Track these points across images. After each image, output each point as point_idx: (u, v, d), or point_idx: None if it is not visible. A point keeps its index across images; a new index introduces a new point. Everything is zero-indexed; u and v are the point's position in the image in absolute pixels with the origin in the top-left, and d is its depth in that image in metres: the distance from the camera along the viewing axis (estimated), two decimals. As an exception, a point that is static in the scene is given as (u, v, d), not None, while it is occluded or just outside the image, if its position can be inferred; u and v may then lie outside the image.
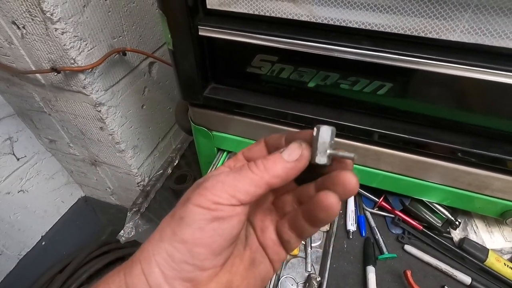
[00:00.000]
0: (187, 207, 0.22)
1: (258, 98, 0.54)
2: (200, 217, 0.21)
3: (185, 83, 0.55)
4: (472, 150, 0.46)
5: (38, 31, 0.66)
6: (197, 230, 0.21)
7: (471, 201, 0.53)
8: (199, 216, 0.21)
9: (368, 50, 0.41)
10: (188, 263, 0.20)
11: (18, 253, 1.19)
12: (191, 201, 0.22)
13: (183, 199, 0.23)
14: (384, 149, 0.52)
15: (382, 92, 0.46)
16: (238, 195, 0.21)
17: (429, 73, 0.40)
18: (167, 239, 0.21)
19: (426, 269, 0.55)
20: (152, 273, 0.20)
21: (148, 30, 0.91)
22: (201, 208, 0.21)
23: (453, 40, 0.37)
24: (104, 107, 0.84)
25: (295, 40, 0.43)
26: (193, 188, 0.24)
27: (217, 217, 0.21)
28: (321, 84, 0.48)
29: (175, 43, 0.49)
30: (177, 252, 0.20)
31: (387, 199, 0.63)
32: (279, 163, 0.23)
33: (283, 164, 0.23)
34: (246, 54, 0.49)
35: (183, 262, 0.20)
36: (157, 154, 1.18)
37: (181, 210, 0.22)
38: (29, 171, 1.13)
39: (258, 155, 0.27)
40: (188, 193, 0.23)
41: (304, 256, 0.57)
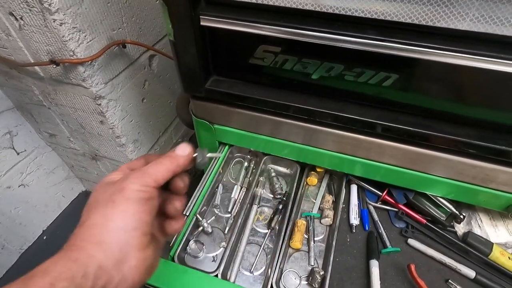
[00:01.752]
0: (126, 191, 0.29)
1: (261, 90, 0.53)
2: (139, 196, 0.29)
3: (187, 75, 0.54)
4: (477, 143, 0.45)
5: (36, 22, 0.65)
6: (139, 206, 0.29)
7: (475, 195, 0.52)
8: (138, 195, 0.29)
9: (374, 40, 0.39)
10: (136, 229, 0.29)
11: (19, 247, 1.19)
12: (130, 187, 0.29)
13: (112, 191, 0.30)
14: (388, 142, 0.51)
15: (387, 83, 0.45)
16: (159, 179, 0.31)
17: (437, 64, 0.39)
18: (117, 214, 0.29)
19: (430, 263, 0.55)
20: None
21: (148, 22, 0.90)
22: (139, 191, 0.29)
23: (462, 29, 0.36)
24: (104, 101, 0.83)
25: (299, 30, 0.42)
26: (110, 184, 0.31)
27: (149, 197, 0.30)
28: (325, 76, 0.47)
29: (177, 33, 0.48)
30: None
31: (390, 193, 0.63)
32: (179, 156, 0.34)
33: (181, 157, 0.34)
34: (249, 45, 0.48)
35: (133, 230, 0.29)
36: (158, 149, 1.18)
37: (121, 195, 0.29)
38: (29, 165, 1.12)
39: (139, 166, 0.34)
40: (112, 187, 0.30)
41: (307, 250, 0.57)
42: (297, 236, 0.57)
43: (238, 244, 0.57)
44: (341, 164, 0.60)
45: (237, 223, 0.57)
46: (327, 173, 0.69)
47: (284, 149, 0.62)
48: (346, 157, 0.57)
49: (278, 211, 0.61)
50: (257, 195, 0.65)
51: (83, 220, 0.30)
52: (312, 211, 0.62)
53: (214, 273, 0.51)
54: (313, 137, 0.57)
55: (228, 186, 0.67)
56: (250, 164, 0.70)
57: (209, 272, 0.51)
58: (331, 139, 0.56)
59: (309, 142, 0.59)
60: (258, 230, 0.60)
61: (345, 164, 0.59)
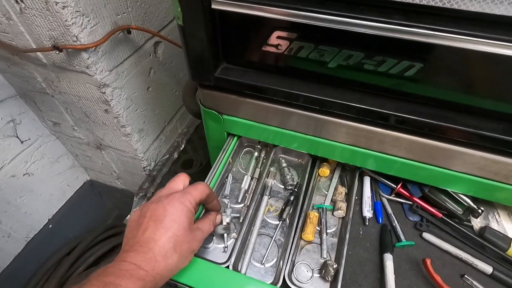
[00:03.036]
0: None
1: (273, 79, 0.51)
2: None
3: (195, 62, 0.51)
4: (503, 137, 0.43)
5: (37, 5, 0.62)
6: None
7: (496, 192, 0.51)
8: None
9: (400, 25, 0.37)
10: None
11: (25, 235, 1.19)
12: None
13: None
14: (405, 135, 0.49)
15: (410, 73, 0.42)
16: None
17: (467, 52, 0.36)
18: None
19: (445, 258, 0.54)
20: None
21: (154, 7, 0.86)
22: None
23: (498, 14, 0.33)
24: (108, 89, 0.81)
25: (317, 14, 0.40)
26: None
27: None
28: (343, 64, 0.45)
29: (186, 18, 0.45)
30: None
31: (405, 185, 0.61)
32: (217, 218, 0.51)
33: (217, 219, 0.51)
34: (263, 31, 0.45)
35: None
36: (163, 138, 1.16)
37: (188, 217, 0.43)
38: (33, 154, 1.11)
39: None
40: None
41: (319, 243, 0.56)
42: (310, 228, 0.55)
43: (249, 236, 0.56)
44: (354, 157, 0.58)
45: (248, 214, 0.56)
46: (339, 164, 0.67)
47: (295, 141, 0.60)
48: (360, 150, 0.55)
49: (290, 202, 0.60)
50: (267, 185, 0.63)
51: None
52: (324, 203, 0.61)
53: (225, 264, 0.50)
54: (326, 128, 0.55)
55: (238, 177, 0.65)
56: (260, 154, 0.69)
57: (220, 263, 0.50)
58: (344, 131, 0.54)
59: (320, 134, 0.57)
60: (269, 222, 0.59)
61: (358, 157, 0.57)
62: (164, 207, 0.42)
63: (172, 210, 0.42)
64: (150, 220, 0.41)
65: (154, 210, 0.42)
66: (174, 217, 0.41)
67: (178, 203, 0.42)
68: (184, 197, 0.43)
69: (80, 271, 1.20)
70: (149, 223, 0.41)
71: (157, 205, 0.42)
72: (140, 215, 0.43)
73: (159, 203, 0.43)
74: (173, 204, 0.42)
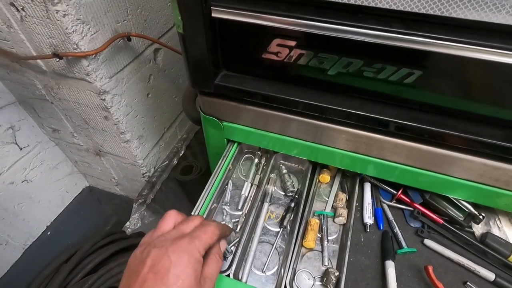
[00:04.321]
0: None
1: (273, 86, 0.51)
2: None
3: (195, 69, 0.52)
4: (503, 144, 0.43)
5: (38, 14, 0.63)
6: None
7: (497, 198, 0.51)
8: None
9: (398, 34, 0.37)
10: None
11: (23, 243, 1.18)
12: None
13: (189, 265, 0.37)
14: (405, 141, 0.49)
15: (409, 80, 0.42)
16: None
17: (465, 60, 0.37)
18: None
19: (447, 264, 0.53)
20: None
21: (153, 14, 0.87)
22: None
23: (496, 22, 0.33)
24: (108, 96, 0.81)
25: (317, 23, 0.40)
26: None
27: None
28: (342, 72, 0.45)
29: (186, 26, 0.45)
30: None
31: (405, 191, 0.61)
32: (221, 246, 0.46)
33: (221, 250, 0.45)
34: (262, 38, 0.45)
35: None
36: (163, 145, 1.16)
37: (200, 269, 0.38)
38: (32, 160, 1.11)
39: None
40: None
41: (320, 250, 0.55)
42: (311, 235, 0.55)
43: (249, 243, 0.55)
44: (354, 164, 0.58)
45: (248, 221, 0.55)
46: (339, 170, 0.67)
47: (295, 147, 0.60)
48: (360, 157, 0.55)
49: (290, 209, 0.59)
50: (268, 192, 0.63)
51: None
52: (325, 210, 0.61)
53: (225, 272, 0.49)
54: (326, 135, 0.55)
55: (238, 183, 0.65)
56: (261, 161, 0.69)
57: (221, 272, 0.50)
58: (344, 137, 0.54)
59: (320, 140, 0.56)
60: (269, 229, 0.58)
61: (358, 164, 0.57)
62: (168, 257, 0.36)
63: (177, 262, 0.36)
64: (150, 272, 0.35)
65: (156, 259, 0.36)
66: (179, 272, 0.35)
67: (184, 253, 0.37)
68: (192, 246, 0.38)
69: (78, 278, 1.19)
70: (149, 275, 0.35)
71: (160, 252, 0.36)
72: (140, 260, 0.37)
73: (163, 249, 0.37)
74: (178, 253, 0.36)
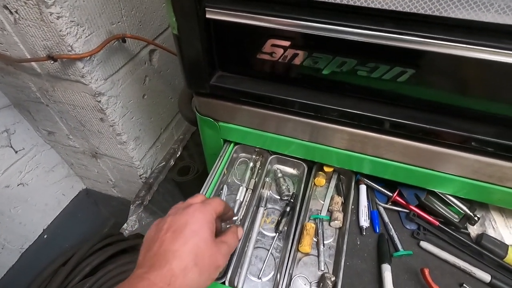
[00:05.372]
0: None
1: (269, 86, 0.51)
2: None
3: (191, 71, 0.51)
4: (496, 140, 0.43)
5: (32, 16, 0.62)
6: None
7: (490, 194, 0.51)
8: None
9: (391, 33, 0.37)
10: None
11: (20, 246, 1.17)
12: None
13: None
14: (400, 139, 0.49)
15: (402, 79, 0.42)
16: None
17: (456, 58, 0.37)
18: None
19: (443, 267, 0.53)
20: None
21: (148, 15, 0.87)
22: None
23: (486, 21, 0.33)
24: (104, 97, 0.81)
25: (311, 23, 0.40)
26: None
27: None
28: (336, 71, 0.45)
29: (180, 27, 0.45)
30: None
31: (401, 193, 0.60)
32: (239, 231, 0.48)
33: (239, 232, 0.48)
34: (257, 39, 0.45)
35: None
36: (159, 146, 1.15)
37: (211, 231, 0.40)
38: (28, 163, 1.10)
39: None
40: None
41: (316, 254, 0.55)
42: (306, 239, 0.54)
43: (245, 249, 0.55)
44: (350, 162, 0.58)
45: (244, 226, 0.55)
46: (335, 173, 0.67)
47: (291, 146, 0.60)
48: (355, 155, 0.55)
49: (286, 213, 0.59)
50: (263, 196, 0.62)
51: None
52: (321, 213, 0.60)
53: (221, 280, 0.49)
54: (322, 134, 0.55)
55: (233, 188, 0.65)
56: (256, 165, 0.68)
57: (216, 279, 0.49)
58: (340, 136, 0.53)
59: (317, 139, 0.56)
60: (265, 234, 0.58)
61: (354, 162, 0.57)
62: (184, 218, 0.39)
63: (192, 220, 0.38)
64: (168, 232, 0.37)
65: (172, 221, 0.38)
66: (195, 228, 0.38)
67: (198, 213, 0.39)
68: (205, 208, 0.40)
69: (76, 281, 1.18)
70: (167, 235, 0.37)
71: (175, 216, 0.39)
72: (157, 230, 0.39)
73: (177, 215, 0.39)
74: (193, 214, 0.39)
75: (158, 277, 0.33)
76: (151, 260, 0.35)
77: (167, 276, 0.34)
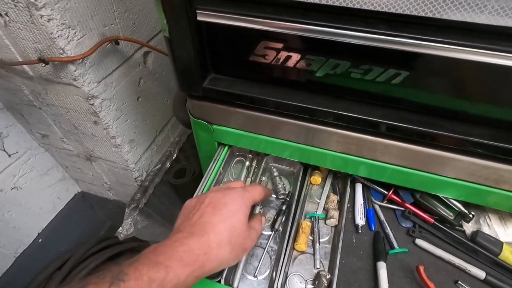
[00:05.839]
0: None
1: (262, 89, 0.50)
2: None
3: (183, 73, 0.51)
4: (491, 143, 0.43)
5: (22, 19, 0.62)
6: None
7: (487, 196, 0.51)
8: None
9: (384, 35, 0.37)
10: None
11: (14, 251, 1.16)
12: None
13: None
14: (395, 142, 0.49)
15: (397, 81, 0.42)
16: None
17: (450, 60, 0.37)
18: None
19: (439, 264, 0.54)
20: None
21: (142, 17, 0.86)
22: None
23: (479, 22, 0.33)
24: (97, 100, 0.80)
25: (303, 25, 0.40)
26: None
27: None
28: (330, 73, 0.45)
29: (171, 29, 0.45)
30: None
31: (396, 191, 0.61)
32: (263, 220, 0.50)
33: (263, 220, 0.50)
34: (249, 41, 0.45)
35: None
36: (155, 148, 1.15)
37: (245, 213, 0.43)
38: (21, 167, 1.09)
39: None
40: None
41: (312, 252, 0.55)
42: (302, 238, 0.55)
43: (241, 248, 0.55)
44: (345, 165, 0.58)
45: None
46: (331, 171, 0.67)
47: (286, 150, 0.60)
48: (351, 158, 0.55)
49: (282, 212, 0.59)
50: (259, 196, 0.62)
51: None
52: (317, 212, 0.61)
53: (216, 278, 0.49)
54: (316, 137, 0.55)
55: (229, 188, 0.65)
56: (252, 164, 0.68)
57: (212, 277, 0.49)
58: (335, 139, 0.53)
59: (312, 142, 0.56)
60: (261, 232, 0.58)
61: (350, 165, 0.57)
62: (224, 197, 0.41)
63: (232, 202, 0.41)
64: (209, 206, 0.40)
65: (213, 198, 0.41)
66: (233, 209, 0.40)
67: (238, 197, 0.42)
68: (245, 194, 0.43)
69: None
70: (207, 209, 0.40)
71: (217, 194, 0.42)
72: (198, 201, 0.42)
73: (219, 192, 0.42)
74: (233, 196, 0.42)
75: (197, 244, 0.36)
76: (191, 228, 0.38)
77: (205, 246, 0.36)
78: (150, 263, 0.33)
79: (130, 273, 0.31)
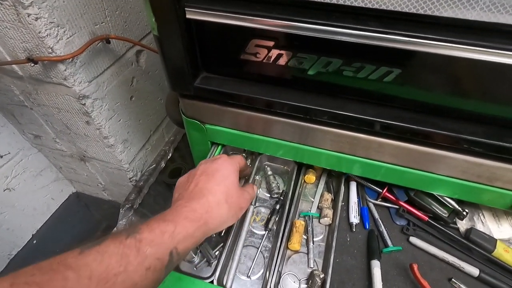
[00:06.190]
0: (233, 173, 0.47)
1: (254, 87, 0.50)
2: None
3: (174, 72, 0.50)
4: (483, 140, 0.43)
5: (9, 17, 0.60)
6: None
7: (480, 194, 0.51)
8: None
9: (376, 32, 0.36)
10: None
11: (8, 253, 1.15)
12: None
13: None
14: (389, 140, 0.49)
15: (389, 79, 0.42)
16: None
17: (442, 58, 0.36)
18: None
19: (433, 262, 0.54)
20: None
21: (134, 15, 0.85)
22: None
23: (471, 19, 0.33)
24: (89, 100, 0.79)
25: (294, 23, 0.39)
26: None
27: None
28: (322, 72, 0.44)
29: (160, 28, 0.44)
30: None
31: (391, 189, 0.61)
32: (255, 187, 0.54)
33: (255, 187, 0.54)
34: (240, 39, 0.44)
35: None
36: (149, 148, 1.14)
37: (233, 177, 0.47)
38: (14, 168, 1.08)
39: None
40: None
41: (306, 252, 0.55)
42: (296, 237, 0.54)
43: (234, 247, 0.54)
44: (340, 163, 0.57)
45: (234, 225, 0.54)
46: (325, 170, 0.67)
47: (280, 149, 0.59)
48: (345, 157, 0.55)
49: (276, 211, 0.59)
50: (253, 195, 0.62)
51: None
52: (311, 211, 0.60)
53: (209, 279, 0.49)
54: (310, 136, 0.54)
55: (222, 187, 0.64)
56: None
57: (204, 278, 0.49)
58: (328, 138, 0.53)
59: (305, 141, 0.56)
60: (255, 232, 0.58)
61: (344, 163, 0.57)
62: (214, 165, 0.46)
63: (222, 167, 0.46)
64: (202, 175, 0.44)
65: (205, 168, 0.46)
66: (225, 173, 0.45)
67: (227, 163, 0.47)
68: (231, 159, 0.48)
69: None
70: (201, 177, 0.44)
71: (207, 164, 0.46)
72: (190, 175, 0.46)
73: (208, 163, 0.47)
74: (222, 163, 0.46)
75: (198, 205, 0.40)
76: (190, 195, 0.42)
77: (205, 206, 0.40)
78: (160, 221, 0.36)
79: (143, 227, 0.35)
